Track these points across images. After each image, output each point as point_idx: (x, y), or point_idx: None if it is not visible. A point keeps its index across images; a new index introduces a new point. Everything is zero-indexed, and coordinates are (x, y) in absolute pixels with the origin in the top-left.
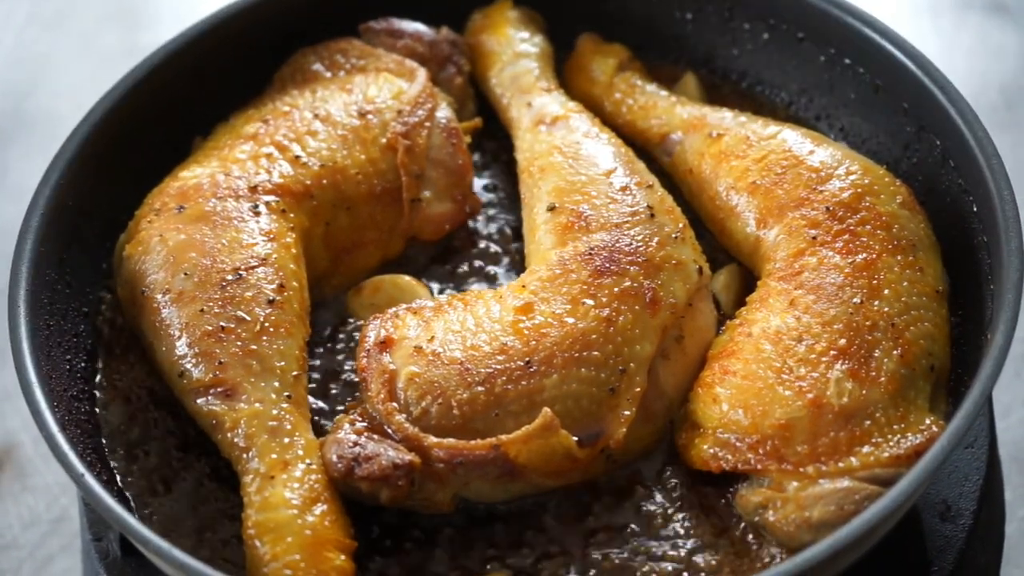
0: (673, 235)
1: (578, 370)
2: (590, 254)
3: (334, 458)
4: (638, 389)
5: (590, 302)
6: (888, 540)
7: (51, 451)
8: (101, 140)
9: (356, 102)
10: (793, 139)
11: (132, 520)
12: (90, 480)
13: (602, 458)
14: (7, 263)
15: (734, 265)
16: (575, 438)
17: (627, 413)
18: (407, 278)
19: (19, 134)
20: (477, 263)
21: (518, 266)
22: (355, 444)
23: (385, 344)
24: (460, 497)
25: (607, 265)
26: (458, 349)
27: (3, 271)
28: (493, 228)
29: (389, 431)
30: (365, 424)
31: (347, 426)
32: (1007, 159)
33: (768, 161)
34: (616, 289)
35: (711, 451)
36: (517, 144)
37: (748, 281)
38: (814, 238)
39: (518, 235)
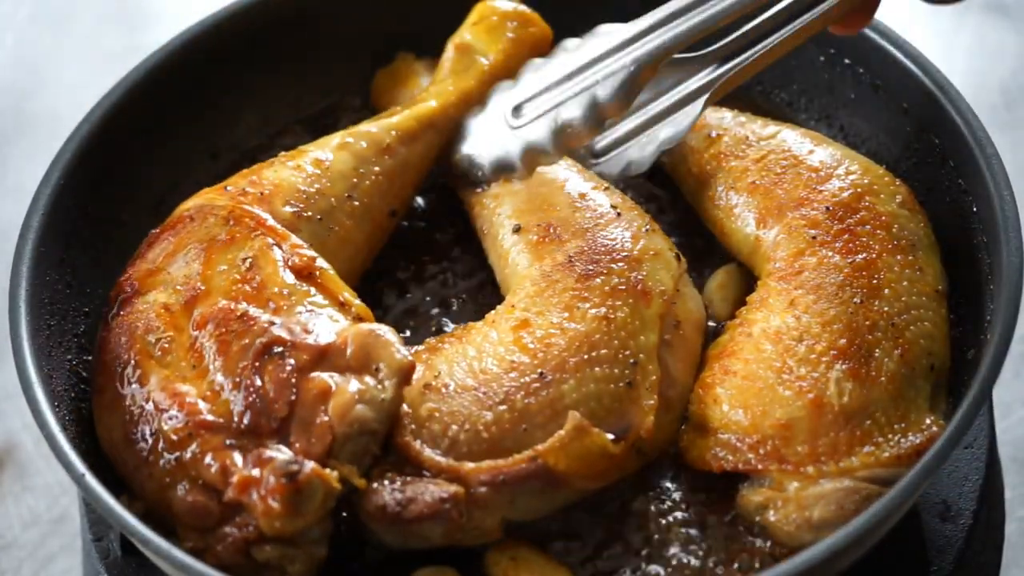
0: (644, 228)
1: (592, 370)
2: (570, 262)
3: (377, 509)
4: (654, 377)
5: (585, 305)
6: (888, 540)
7: (52, 451)
8: (101, 140)
9: None
10: (793, 139)
11: (133, 520)
12: (91, 480)
13: (634, 452)
14: (7, 263)
15: (732, 265)
16: (608, 436)
17: (650, 402)
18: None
19: (19, 134)
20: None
21: (481, 303)
22: (394, 490)
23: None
24: (507, 520)
25: (590, 268)
26: (468, 377)
27: (3, 271)
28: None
29: (424, 472)
30: (396, 473)
31: (380, 479)
32: (1007, 159)
33: (768, 161)
34: (606, 288)
35: (712, 451)
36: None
37: (747, 281)
38: (814, 238)
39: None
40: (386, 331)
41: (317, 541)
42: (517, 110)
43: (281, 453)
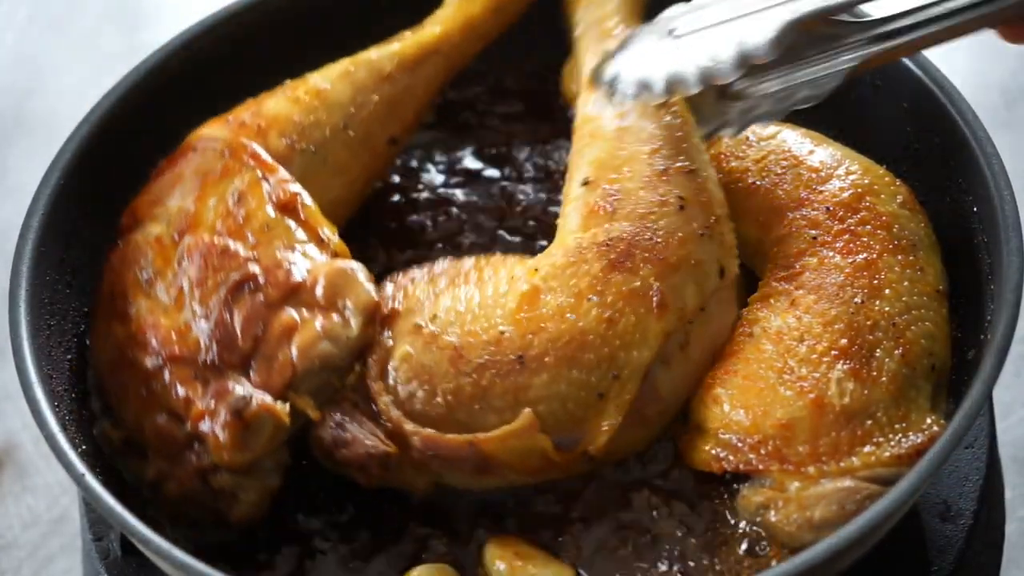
0: (699, 232)
1: (569, 371)
2: (608, 245)
3: (315, 438)
4: (628, 397)
5: (594, 299)
6: (888, 540)
7: (52, 451)
8: (101, 140)
9: None
10: (793, 139)
11: (133, 520)
12: (91, 480)
13: (582, 460)
14: (7, 263)
15: None
16: (554, 441)
17: (611, 422)
18: None
19: (19, 134)
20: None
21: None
22: (336, 427)
23: (389, 318)
24: (438, 482)
25: (621, 260)
26: (455, 333)
27: (3, 271)
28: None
29: (374, 411)
30: (353, 404)
31: (333, 408)
32: (1007, 159)
33: (768, 161)
34: (624, 288)
35: (713, 452)
36: (581, 92)
37: (749, 281)
38: (814, 238)
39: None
40: (356, 268)
41: (270, 472)
42: (673, 35)
43: (239, 386)
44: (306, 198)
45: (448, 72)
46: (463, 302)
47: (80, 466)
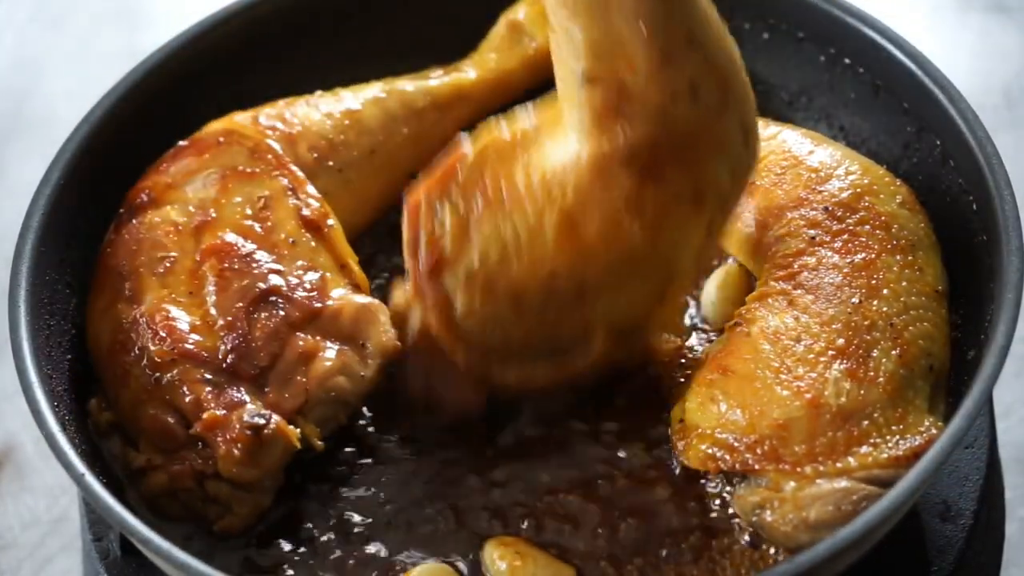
0: (717, 110)
1: (628, 286)
2: (631, 155)
3: (411, 399)
4: (688, 283)
5: (635, 217)
6: (888, 540)
7: (52, 451)
8: (101, 140)
9: None
10: (793, 139)
11: (133, 520)
12: (90, 480)
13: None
14: (7, 263)
15: (732, 265)
16: (625, 341)
17: (672, 308)
18: None
19: (19, 134)
20: None
21: None
22: (426, 389)
23: (436, 269)
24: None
25: (649, 169)
26: (507, 276)
27: (3, 271)
28: None
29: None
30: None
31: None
32: (1007, 159)
33: (767, 161)
34: (660, 198)
35: (709, 451)
36: None
37: (746, 281)
38: (813, 238)
39: None
40: (380, 309)
41: (266, 490)
42: None
43: (252, 402)
44: (332, 220)
45: (474, 117)
46: (503, 233)
47: (80, 466)
